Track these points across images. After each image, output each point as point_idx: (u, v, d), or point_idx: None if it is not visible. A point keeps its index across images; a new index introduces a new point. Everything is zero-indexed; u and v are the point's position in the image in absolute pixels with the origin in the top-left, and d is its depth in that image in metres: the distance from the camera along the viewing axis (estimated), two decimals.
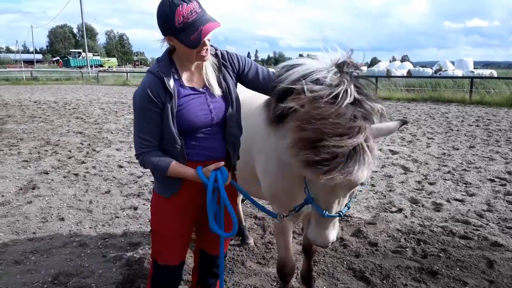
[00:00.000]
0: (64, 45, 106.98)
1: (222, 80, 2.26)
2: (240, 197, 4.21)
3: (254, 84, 2.38)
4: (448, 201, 5.51)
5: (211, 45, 2.23)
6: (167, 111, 2.10)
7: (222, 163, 2.18)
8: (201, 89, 2.21)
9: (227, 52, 2.35)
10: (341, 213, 1.94)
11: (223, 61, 2.30)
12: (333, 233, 2.00)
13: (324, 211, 1.91)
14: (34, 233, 4.55)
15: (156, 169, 2.20)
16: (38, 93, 24.36)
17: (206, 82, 2.22)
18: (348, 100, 1.85)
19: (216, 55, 2.29)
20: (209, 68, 2.25)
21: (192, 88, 2.20)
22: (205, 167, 2.17)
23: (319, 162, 1.69)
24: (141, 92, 2.11)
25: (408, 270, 3.70)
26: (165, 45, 2.19)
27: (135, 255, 4.03)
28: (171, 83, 2.11)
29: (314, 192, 1.97)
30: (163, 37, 2.11)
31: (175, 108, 2.12)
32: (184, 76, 2.20)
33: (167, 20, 1.97)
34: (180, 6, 1.93)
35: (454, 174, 6.74)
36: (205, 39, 2.00)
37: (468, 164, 7.38)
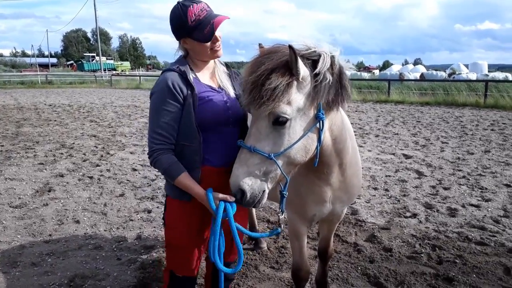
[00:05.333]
0: (78, 49, 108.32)
1: (234, 86, 2.37)
2: None
3: None
4: (463, 206, 5.44)
5: (222, 62, 2.42)
6: (188, 104, 2.13)
7: (233, 198, 2.07)
8: (218, 88, 2.29)
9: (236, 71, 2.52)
10: (252, 148, 1.90)
11: (235, 74, 2.44)
12: (242, 176, 1.91)
13: (241, 140, 2.01)
14: (50, 235, 4.61)
15: (166, 174, 2.16)
16: (53, 96, 24.73)
17: (220, 83, 2.32)
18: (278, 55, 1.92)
19: (227, 66, 2.44)
20: (222, 73, 2.37)
21: (209, 86, 2.27)
22: (216, 193, 2.12)
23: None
24: (161, 86, 2.13)
25: (423, 276, 3.67)
26: (178, 53, 2.33)
27: (149, 258, 4.06)
28: (191, 77, 2.18)
29: None
30: (177, 42, 2.27)
31: (197, 102, 2.15)
32: (200, 76, 2.29)
33: (180, 21, 2.12)
34: (191, 6, 2.11)
35: (469, 179, 6.65)
36: (217, 35, 2.15)
37: (484, 169, 7.28)
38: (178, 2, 2.14)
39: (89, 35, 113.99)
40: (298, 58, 1.84)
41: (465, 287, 3.48)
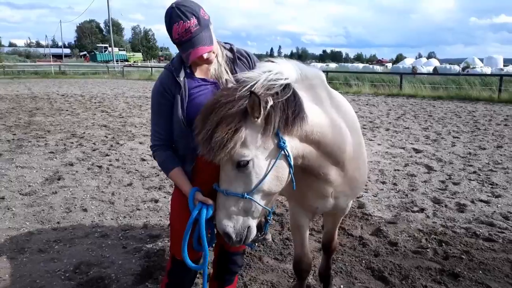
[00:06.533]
0: (91, 40, 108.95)
1: (237, 71, 2.31)
2: None
3: None
4: (472, 202, 5.37)
5: (226, 42, 2.39)
6: (176, 102, 2.21)
7: (211, 201, 2.14)
8: (212, 80, 2.30)
9: (243, 49, 2.46)
10: (225, 191, 1.95)
11: (239, 55, 2.38)
12: (224, 220, 1.98)
13: (215, 184, 2.05)
14: (58, 223, 4.68)
15: (161, 167, 2.36)
16: (66, 86, 24.97)
17: (215, 75, 2.30)
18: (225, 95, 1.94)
19: (231, 50, 2.38)
20: (222, 61, 2.32)
21: (203, 79, 2.28)
22: (199, 193, 2.19)
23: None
24: (154, 87, 2.30)
25: (429, 271, 3.63)
26: None
27: (154, 247, 4.09)
28: (181, 75, 2.22)
29: None
30: None
31: (186, 99, 2.21)
32: (196, 70, 2.31)
33: (168, 31, 2.10)
34: (177, 23, 2.03)
35: (479, 175, 6.56)
36: (202, 54, 2.09)
37: (495, 164, 7.17)
38: (171, 7, 2.05)
39: (102, 26, 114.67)
40: (261, 102, 1.84)
41: (471, 283, 3.44)
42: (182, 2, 2.06)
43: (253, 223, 2.04)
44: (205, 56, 2.13)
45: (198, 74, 2.30)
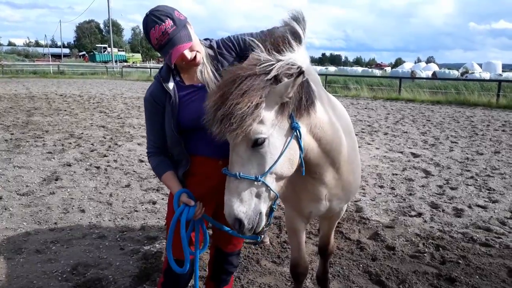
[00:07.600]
0: (90, 40, 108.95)
1: (221, 68, 2.29)
2: None
3: None
4: (469, 207, 5.38)
5: (207, 39, 2.36)
6: (167, 111, 2.24)
7: (193, 203, 2.18)
8: (199, 84, 2.28)
9: (222, 39, 2.39)
10: (238, 174, 1.85)
11: (219, 50, 2.34)
12: (237, 205, 1.86)
13: (225, 168, 1.95)
14: (55, 223, 4.67)
15: (154, 172, 2.43)
16: (64, 86, 24.95)
17: (202, 78, 2.28)
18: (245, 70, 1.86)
19: (211, 47, 2.34)
20: (206, 61, 2.29)
21: (192, 86, 2.29)
22: (185, 194, 2.21)
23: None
24: (145, 97, 2.34)
25: (426, 276, 3.64)
26: None
27: (152, 249, 4.09)
28: (171, 85, 2.23)
29: None
30: None
31: (176, 108, 2.22)
32: (185, 76, 2.31)
33: (147, 39, 2.12)
34: (153, 28, 2.05)
35: (477, 180, 6.58)
36: (185, 53, 2.09)
37: (493, 170, 7.19)
38: (146, 15, 2.08)
39: (102, 26, 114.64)
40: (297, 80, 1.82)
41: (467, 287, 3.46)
42: (155, 8, 2.10)
43: (264, 209, 1.95)
44: (188, 56, 2.11)
45: (187, 80, 2.30)
